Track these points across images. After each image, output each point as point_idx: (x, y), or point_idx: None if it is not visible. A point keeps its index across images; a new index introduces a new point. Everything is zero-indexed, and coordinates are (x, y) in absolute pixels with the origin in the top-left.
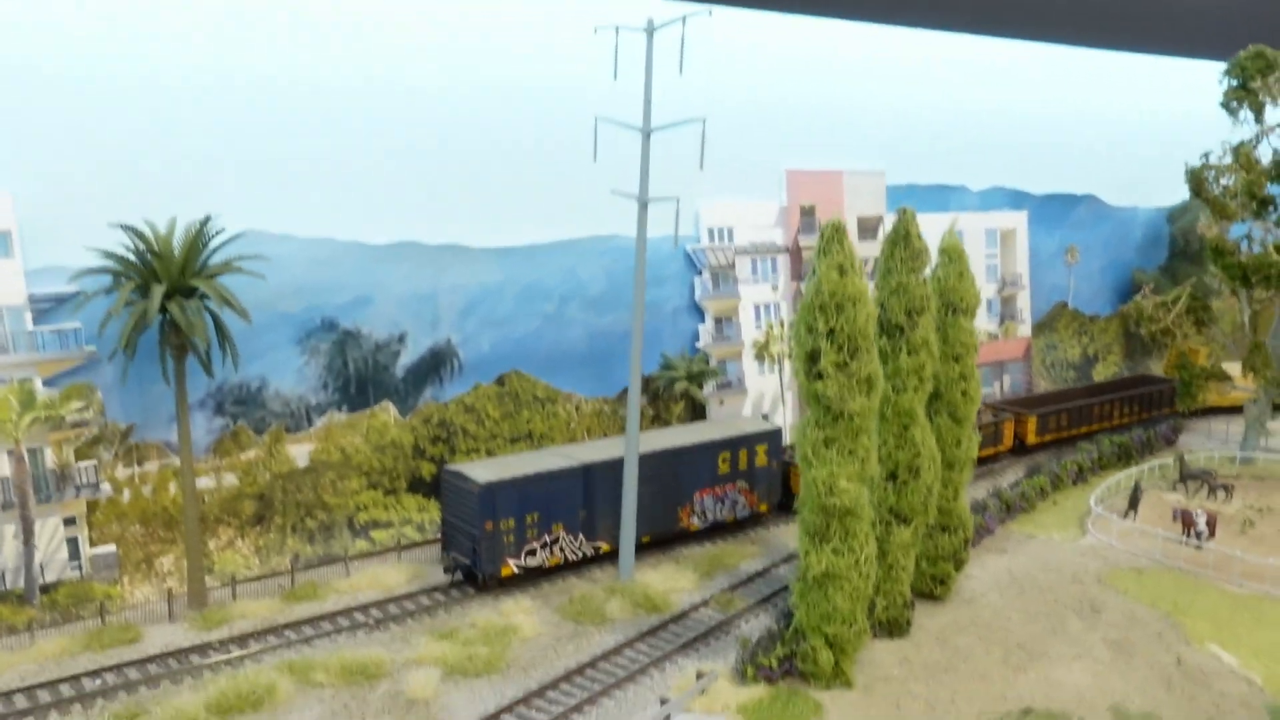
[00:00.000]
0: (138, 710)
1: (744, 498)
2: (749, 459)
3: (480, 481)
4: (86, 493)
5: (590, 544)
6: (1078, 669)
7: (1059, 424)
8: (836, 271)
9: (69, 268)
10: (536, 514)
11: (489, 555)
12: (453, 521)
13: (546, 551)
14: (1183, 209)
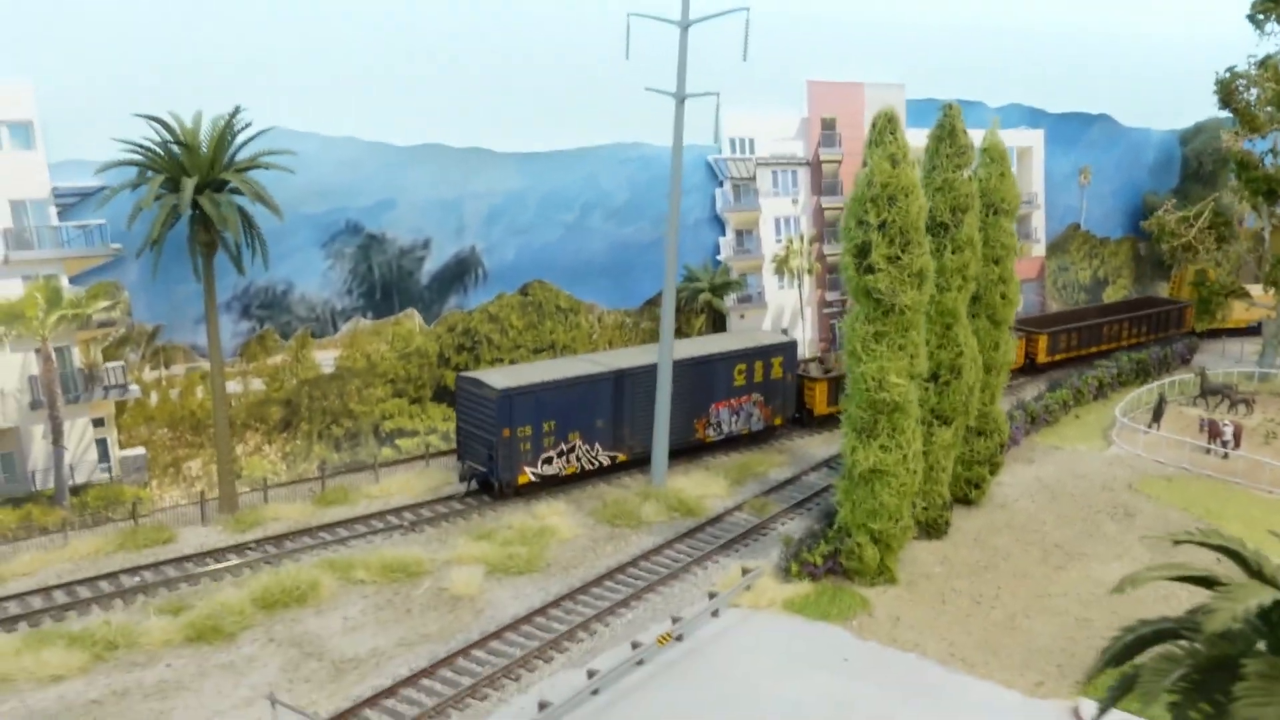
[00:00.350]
0: (180, 605)
1: (759, 410)
2: (764, 371)
3: (498, 388)
4: (115, 394)
5: (607, 453)
6: (1118, 568)
7: (1069, 343)
8: (889, 162)
9: (93, 162)
10: (553, 422)
11: (506, 463)
12: (469, 429)
13: (563, 460)
14: (1195, 131)
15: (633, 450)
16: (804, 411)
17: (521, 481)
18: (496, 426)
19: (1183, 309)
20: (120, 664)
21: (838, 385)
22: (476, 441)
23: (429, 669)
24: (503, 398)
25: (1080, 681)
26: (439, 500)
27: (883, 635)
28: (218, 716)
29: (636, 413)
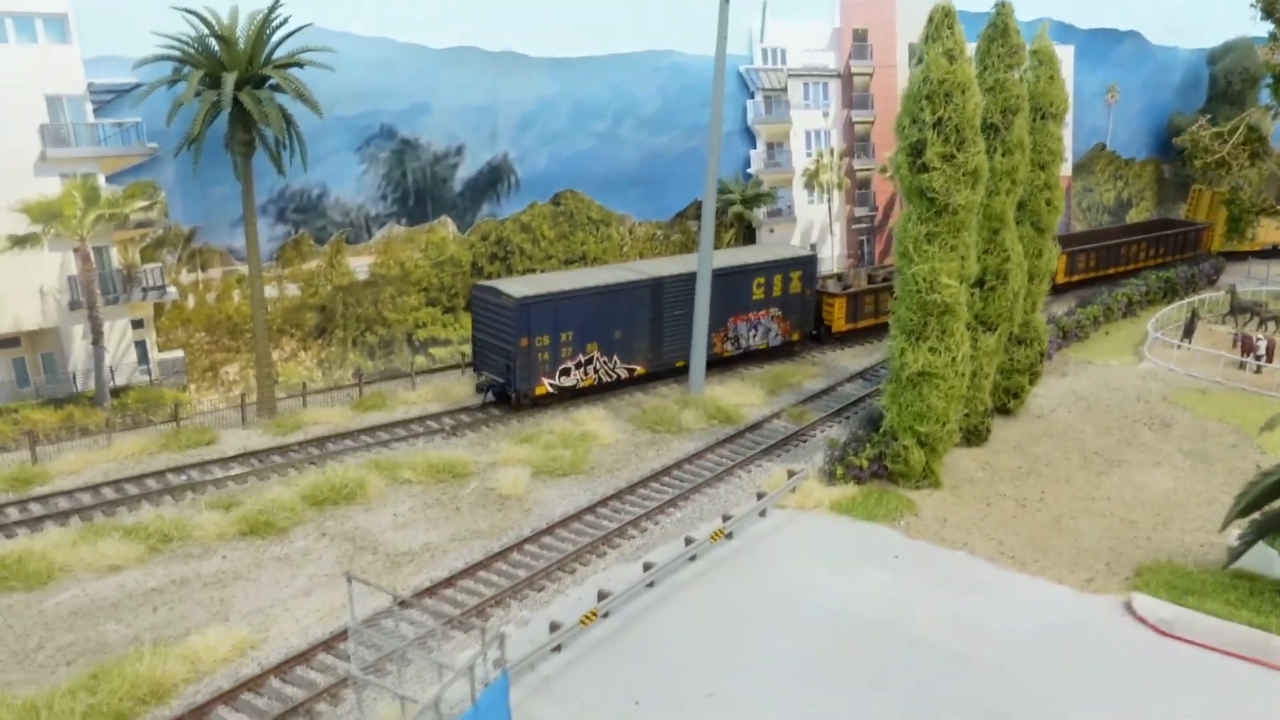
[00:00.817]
0: (230, 501)
1: (777, 325)
2: (783, 286)
3: (516, 296)
4: (153, 295)
5: (625, 366)
6: (1159, 474)
7: (1088, 264)
8: (946, 58)
9: (128, 58)
10: (571, 333)
11: (524, 373)
12: (485, 339)
13: (581, 372)
14: (1224, 51)
15: (651, 364)
16: (822, 328)
17: (539, 393)
18: (514, 336)
19: (1200, 230)
20: (176, 555)
21: (856, 302)
22: (493, 352)
23: (484, 561)
24: (521, 306)
25: (1129, 578)
26: (478, 407)
27: (930, 535)
28: (278, 605)
29: (656, 325)
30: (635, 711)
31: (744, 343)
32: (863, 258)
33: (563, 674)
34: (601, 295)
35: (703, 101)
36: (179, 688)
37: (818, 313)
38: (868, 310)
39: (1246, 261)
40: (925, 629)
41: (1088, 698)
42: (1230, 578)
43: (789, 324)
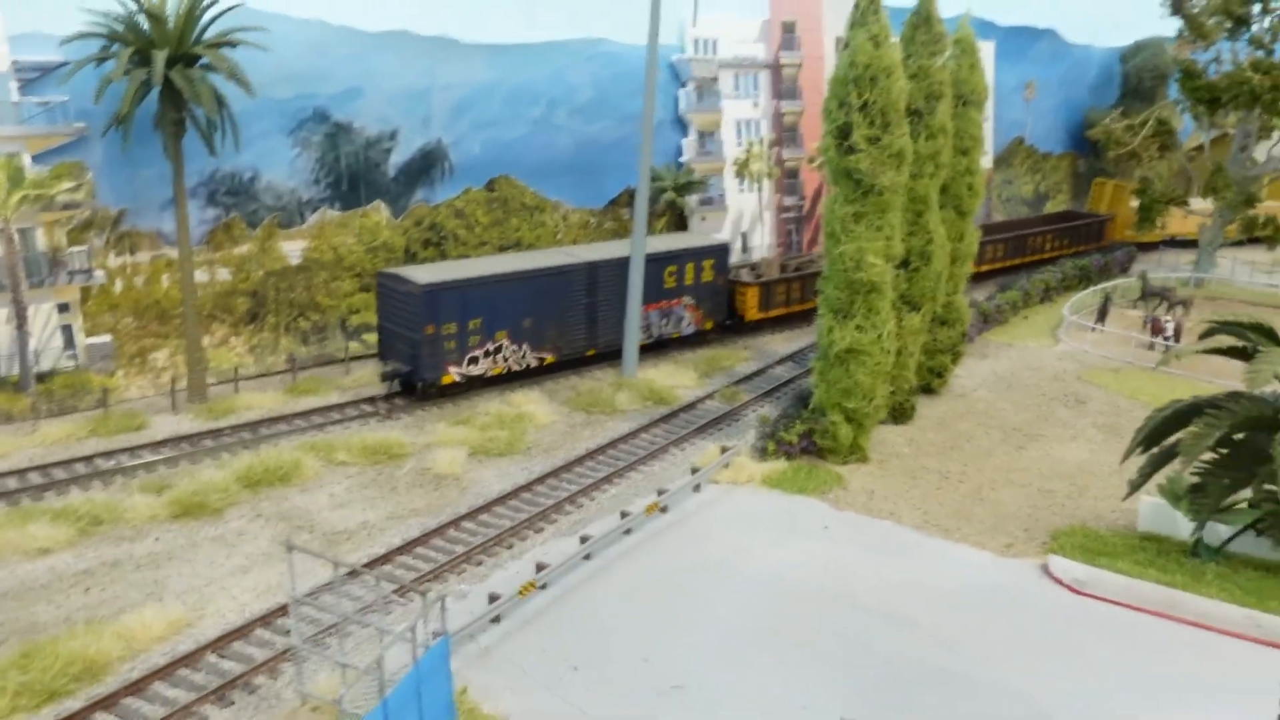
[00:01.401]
0: (162, 484)
1: (690, 314)
2: (696, 274)
3: (421, 283)
4: (80, 279)
5: (535, 354)
6: (1074, 447)
7: (995, 254)
8: (871, 43)
9: (54, 35)
10: (479, 320)
11: (430, 361)
12: (391, 328)
13: (489, 360)
14: (1135, 49)
15: (561, 352)
16: (735, 316)
17: (446, 381)
18: (420, 324)
19: (1103, 222)
20: (108, 538)
21: (769, 291)
22: (399, 340)
23: (422, 538)
24: (427, 293)
25: (1046, 542)
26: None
27: (859, 506)
28: (214, 583)
29: (566, 313)
30: (573, 677)
31: (656, 331)
32: (791, 245)
33: (502, 644)
34: (510, 283)
35: (635, 90)
36: (113, 665)
37: (731, 301)
38: (780, 299)
39: (1158, 251)
40: (856, 592)
41: (1010, 651)
42: (1139, 539)
43: (702, 312)
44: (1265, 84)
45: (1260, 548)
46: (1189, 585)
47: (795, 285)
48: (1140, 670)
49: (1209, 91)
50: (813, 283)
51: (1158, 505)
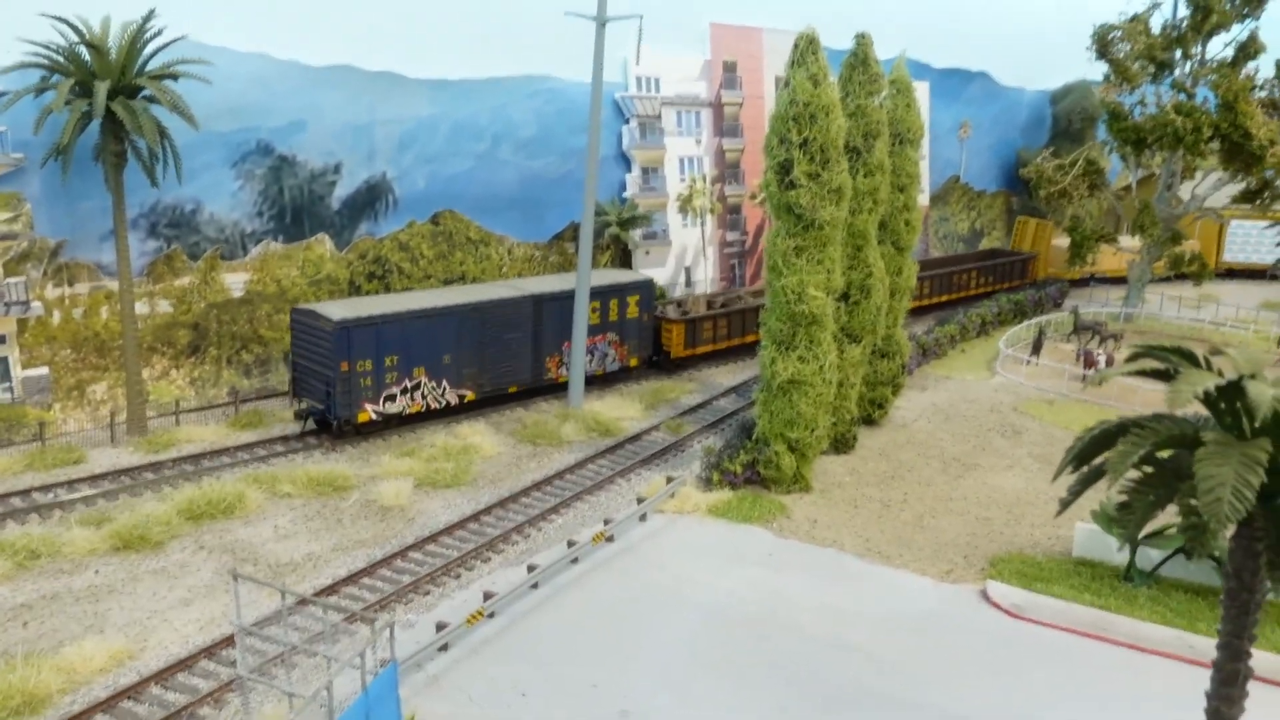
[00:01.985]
0: (101, 517)
1: (614, 350)
2: (620, 310)
3: (335, 319)
4: (16, 310)
5: (455, 391)
6: (1010, 476)
7: (922, 291)
8: (810, 82)
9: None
10: (396, 357)
11: (344, 399)
12: (305, 365)
13: (407, 398)
14: (1065, 92)
15: (482, 389)
16: (662, 353)
17: (362, 420)
18: (334, 360)
19: (1026, 260)
20: (46, 572)
21: (695, 328)
22: (313, 377)
23: (369, 568)
24: (340, 329)
25: (984, 568)
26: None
27: (802, 534)
28: (156, 615)
29: (485, 350)
30: (522, 704)
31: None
32: (734, 280)
33: (450, 672)
34: (428, 319)
35: (579, 126)
36: (54, 698)
37: (657, 338)
38: (706, 336)
39: (1089, 286)
40: (800, 617)
41: (950, 674)
42: (1074, 564)
43: (627, 349)
44: (1187, 126)
45: (1191, 572)
46: (1122, 608)
47: (722, 322)
48: (1075, 690)
49: (1135, 133)
50: (740, 320)
51: (1092, 531)
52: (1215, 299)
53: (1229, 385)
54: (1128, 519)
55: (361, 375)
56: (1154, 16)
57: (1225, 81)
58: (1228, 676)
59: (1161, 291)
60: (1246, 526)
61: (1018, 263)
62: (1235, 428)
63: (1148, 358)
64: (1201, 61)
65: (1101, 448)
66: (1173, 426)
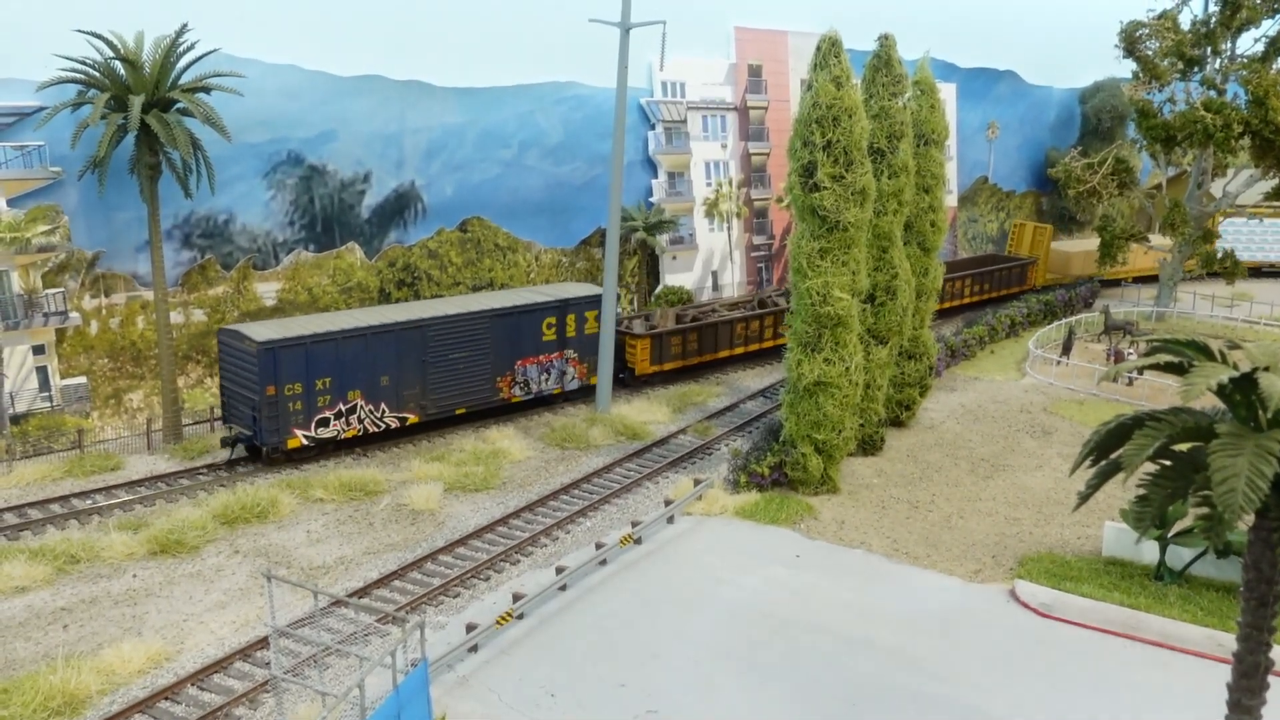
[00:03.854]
0: (139, 523)
1: (573, 368)
2: (578, 325)
3: (259, 341)
4: (55, 321)
5: (395, 414)
6: (1040, 476)
7: None
8: (833, 85)
9: (29, 80)
10: (329, 379)
11: (272, 424)
12: (232, 389)
13: (342, 422)
14: (1094, 90)
15: (426, 411)
16: (626, 370)
17: (292, 445)
18: (259, 384)
19: (1025, 265)
20: (85, 576)
21: (662, 343)
22: (240, 402)
23: (399, 571)
24: (264, 351)
25: (1013, 568)
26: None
27: (830, 535)
28: (192, 618)
29: (428, 371)
30: (551, 703)
31: (535, 386)
32: (761, 283)
33: (479, 672)
34: (363, 339)
35: (605, 132)
36: (93, 699)
37: (621, 354)
38: (675, 352)
39: (1120, 286)
40: (827, 617)
41: (977, 672)
42: (1103, 564)
43: (587, 366)
44: (1217, 123)
45: (1221, 570)
46: (1152, 607)
47: (692, 337)
48: (1105, 688)
49: (1164, 130)
50: (713, 334)
51: (1121, 530)
52: (1249, 297)
53: (1243, 378)
54: (1145, 511)
55: (290, 399)
56: (1182, 13)
57: (1256, 77)
58: (1248, 669)
59: (1194, 290)
60: (1264, 518)
61: (1015, 268)
62: (1250, 420)
63: (1163, 352)
64: (1231, 57)
65: (1118, 442)
66: (1188, 419)
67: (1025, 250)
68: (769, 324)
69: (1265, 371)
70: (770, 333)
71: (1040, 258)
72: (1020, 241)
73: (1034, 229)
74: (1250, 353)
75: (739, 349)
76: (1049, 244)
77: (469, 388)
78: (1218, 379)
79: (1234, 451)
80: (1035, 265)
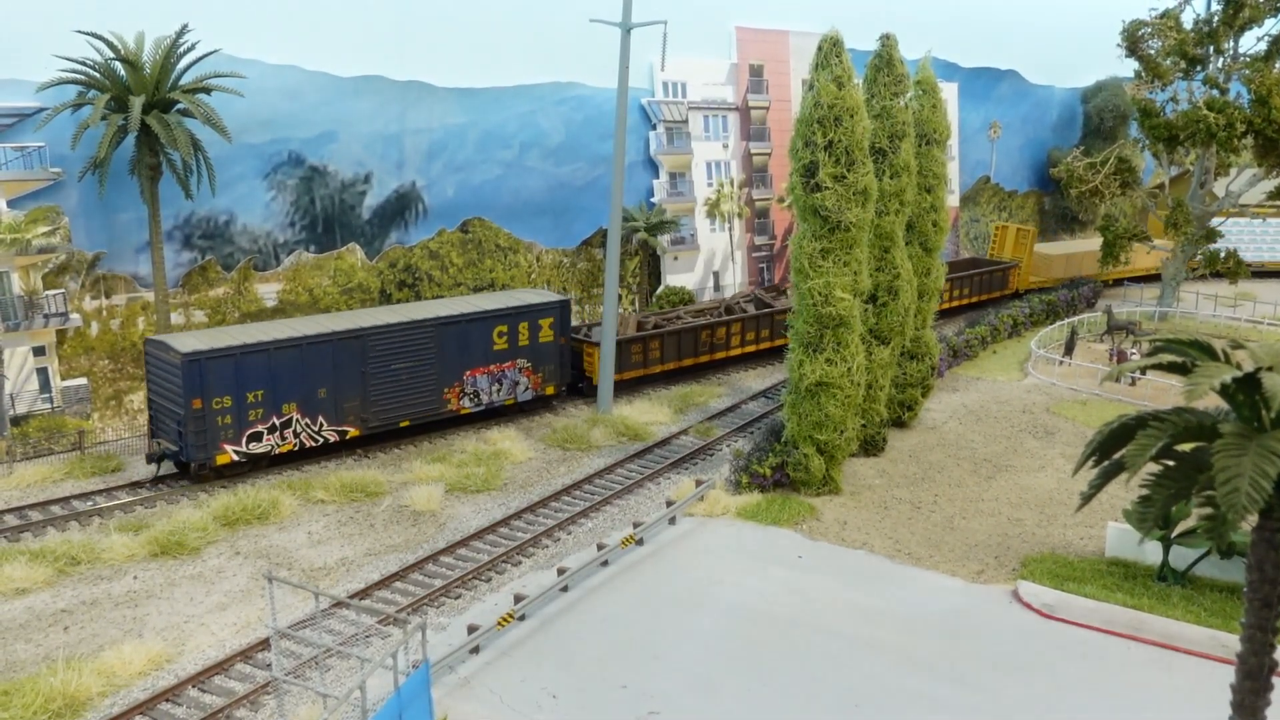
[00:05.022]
0: (139, 524)
1: (526, 378)
2: (531, 334)
3: (183, 351)
4: (55, 322)
5: (333, 428)
6: (1042, 477)
7: None
8: (835, 85)
9: (29, 82)
10: (261, 392)
11: (198, 439)
12: (159, 402)
13: (276, 436)
14: (1096, 90)
15: (367, 424)
16: (584, 379)
17: (221, 462)
18: (184, 397)
19: (1007, 269)
20: (86, 578)
21: (622, 351)
22: (167, 416)
23: (400, 572)
24: (189, 363)
25: (1016, 569)
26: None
27: (832, 536)
28: (193, 620)
29: (369, 382)
30: (552, 705)
31: (486, 397)
32: (763, 284)
33: (481, 673)
34: (298, 349)
35: (606, 133)
36: (94, 701)
37: (578, 363)
38: (636, 360)
39: (1123, 286)
40: (829, 618)
41: (980, 673)
42: (1107, 565)
43: (541, 376)
44: (1220, 122)
45: (1225, 571)
46: (1155, 608)
47: (654, 344)
48: (1107, 689)
49: (1167, 130)
50: (675, 341)
51: (1124, 531)
52: (1251, 297)
53: (1246, 378)
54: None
55: (219, 413)
56: (1185, 12)
57: (1258, 76)
58: (1252, 669)
59: (1197, 290)
60: (1267, 518)
61: (997, 273)
62: (1254, 420)
63: (1166, 352)
64: (1234, 56)
65: (1121, 442)
66: (1191, 419)
67: (1008, 254)
68: (735, 330)
69: (1268, 371)
70: (737, 340)
71: (1023, 261)
72: (1002, 244)
73: (1016, 231)
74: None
75: (704, 357)
76: (1032, 246)
77: (413, 399)
78: (1221, 379)
79: (1237, 452)
80: (1017, 269)
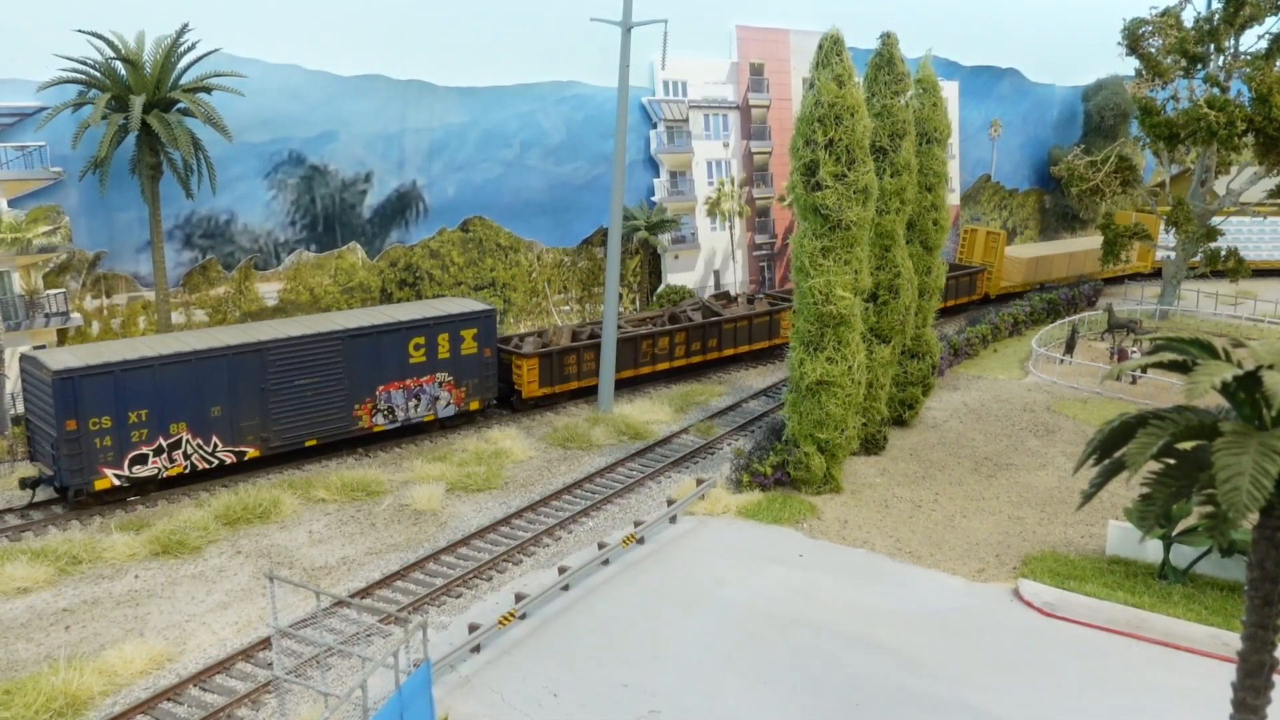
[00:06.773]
0: (141, 523)
1: (447, 392)
2: (453, 345)
3: (53, 369)
4: (56, 321)
5: (230, 448)
6: (1044, 475)
7: None
8: (835, 83)
9: (29, 81)
10: (145, 411)
11: (73, 463)
12: (35, 423)
13: (163, 458)
14: (1096, 88)
15: (268, 444)
16: (514, 392)
17: (101, 487)
18: (57, 418)
19: (975, 274)
20: (87, 577)
21: (552, 363)
22: (43, 438)
23: (401, 571)
24: (60, 381)
25: (1016, 568)
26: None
27: (832, 535)
28: (194, 619)
29: (269, 399)
30: (553, 703)
31: (402, 414)
32: (764, 283)
33: (482, 672)
34: (187, 365)
35: (607, 131)
36: (95, 700)
37: (508, 375)
38: (570, 372)
39: (1124, 284)
40: (830, 617)
41: (981, 672)
42: (1107, 563)
43: (464, 390)
44: (1220, 120)
45: (1226, 569)
46: (1156, 606)
47: (588, 355)
48: (1109, 688)
49: (1167, 128)
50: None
51: (1125, 529)
52: (1252, 295)
53: (1247, 376)
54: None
55: (97, 434)
56: (1185, 10)
57: (1259, 74)
58: (1253, 667)
59: (1197, 288)
60: (1268, 516)
61: (964, 278)
62: (1255, 418)
63: (1167, 351)
64: (1235, 55)
65: (1122, 440)
66: (1192, 418)
67: (978, 258)
68: (680, 340)
69: (1269, 369)
70: (681, 350)
71: (994, 265)
72: (971, 249)
73: (986, 235)
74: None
75: (645, 368)
76: (1003, 250)
77: (320, 417)
78: (1221, 377)
79: (1238, 450)
80: (985, 274)
